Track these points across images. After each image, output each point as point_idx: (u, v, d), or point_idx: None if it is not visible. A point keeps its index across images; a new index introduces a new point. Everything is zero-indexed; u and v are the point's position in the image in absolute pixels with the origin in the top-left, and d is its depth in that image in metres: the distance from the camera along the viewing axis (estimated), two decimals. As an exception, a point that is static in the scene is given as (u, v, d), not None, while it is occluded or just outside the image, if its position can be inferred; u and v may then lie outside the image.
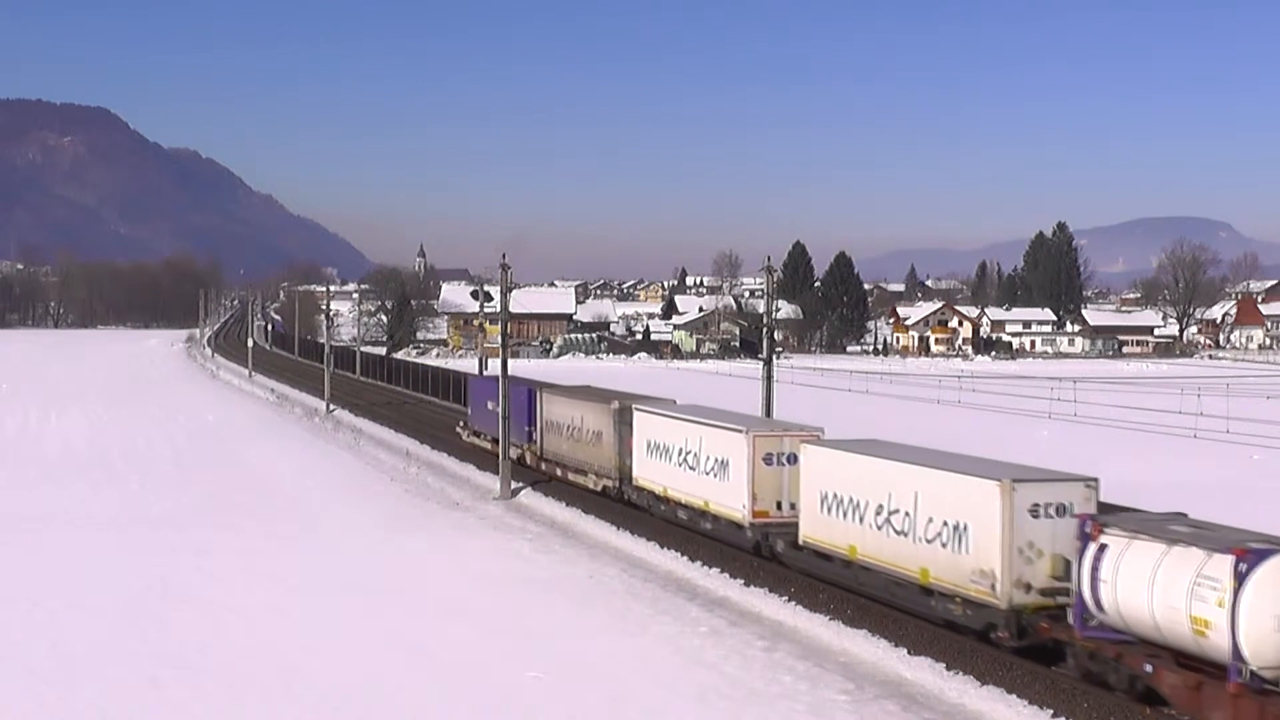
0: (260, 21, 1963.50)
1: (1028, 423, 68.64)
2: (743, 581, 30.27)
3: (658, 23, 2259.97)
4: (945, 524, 24.28)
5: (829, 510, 27.86)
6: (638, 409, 38.05)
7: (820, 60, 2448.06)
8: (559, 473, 43.80)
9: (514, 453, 46.15)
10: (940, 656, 23.85)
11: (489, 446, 49.86)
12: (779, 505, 30.82)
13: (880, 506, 26.26)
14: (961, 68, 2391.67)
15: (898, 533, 25.74)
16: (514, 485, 44.46)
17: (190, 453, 56.08)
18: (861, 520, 26.78)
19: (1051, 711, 21.04)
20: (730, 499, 31.96)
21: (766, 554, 30.64)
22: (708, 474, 33.09)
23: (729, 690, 22.20)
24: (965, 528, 23.73)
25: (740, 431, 31.61)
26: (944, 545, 24.27)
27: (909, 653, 24.36)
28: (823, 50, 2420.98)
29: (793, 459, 30.20)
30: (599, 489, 40.17)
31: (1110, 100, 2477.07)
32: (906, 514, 25.43)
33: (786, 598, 28.63)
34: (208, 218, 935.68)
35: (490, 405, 49.20)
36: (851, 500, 27.14)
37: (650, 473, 36.79)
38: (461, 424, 56.24)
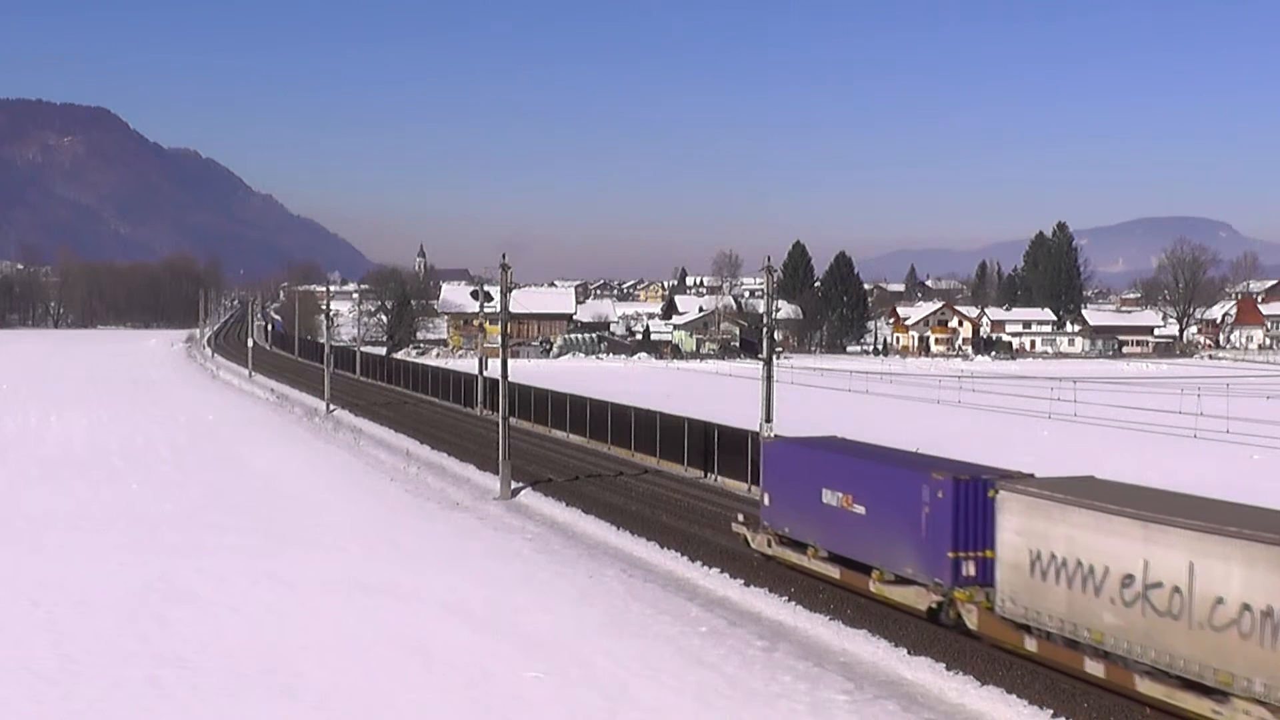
0: (260, 22, 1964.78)
1: (1028, 423, 68.63)
2: (743, 581, 30.22)
3: (658, 23, 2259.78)
4: None
5: None
6: None
7: (820, 60, 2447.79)
8: (1085, 666, 21.82)
9: (918, 598, 25.87)
10: (940, 656, 23.83)
11: (829, 572, 29.18)
12: None
13: None
14: (962, 68, 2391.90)
15: None
16: (514, 485, 44.44)
17: (190, 453, 56.03)
18: None
19: (1051, 711, 21.03)
20: None
21: None
22: None
23: (729, 690, 22.18)
24: None
25: None
26: None
27: (909, 653, 24.33)
28: (823, 50, 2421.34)
29: None
30: None
31: (1110, 100, 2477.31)
32: None
33: (786, 598, 28.59)
34: (208, 218, 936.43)
35: (834, 498, 28.80)
36: None
37: None
38: (741, 518, 33.48)
